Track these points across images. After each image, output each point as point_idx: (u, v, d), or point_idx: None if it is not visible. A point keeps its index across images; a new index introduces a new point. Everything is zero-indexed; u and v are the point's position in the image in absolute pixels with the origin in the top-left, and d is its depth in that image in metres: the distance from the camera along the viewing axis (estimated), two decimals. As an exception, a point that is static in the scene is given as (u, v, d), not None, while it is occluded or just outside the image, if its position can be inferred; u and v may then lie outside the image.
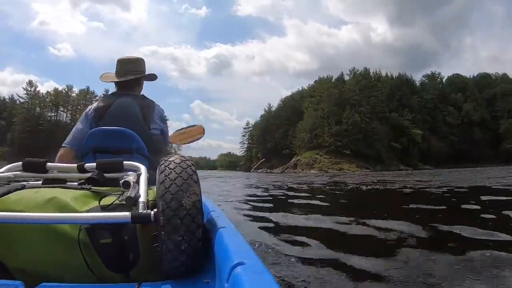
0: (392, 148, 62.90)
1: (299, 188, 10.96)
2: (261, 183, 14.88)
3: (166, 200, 0.90)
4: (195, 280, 0.93)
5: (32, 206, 0.97)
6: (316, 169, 53.36)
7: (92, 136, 1.62)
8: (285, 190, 10.01)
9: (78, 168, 1.23)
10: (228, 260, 0.75)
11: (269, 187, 12.04)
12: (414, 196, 7.69)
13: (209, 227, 1.09)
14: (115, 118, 1.71)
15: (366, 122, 61.50)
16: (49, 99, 74.42)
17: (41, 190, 1.08)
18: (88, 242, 0.92)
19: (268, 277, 0.66)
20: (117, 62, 1.96)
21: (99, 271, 0.94)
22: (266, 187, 12.11)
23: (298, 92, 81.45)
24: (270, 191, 10.05)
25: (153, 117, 1.82)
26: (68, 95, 75.28)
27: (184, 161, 1.02)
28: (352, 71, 69.56)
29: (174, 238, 0.88)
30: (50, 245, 0.93)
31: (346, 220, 3.92)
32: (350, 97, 63.44)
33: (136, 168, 1.21)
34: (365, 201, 7.59)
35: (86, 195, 1.06)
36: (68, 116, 75.24)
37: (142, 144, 1.65)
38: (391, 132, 63.77)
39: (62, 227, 0.93)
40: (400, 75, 74.76)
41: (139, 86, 2.03)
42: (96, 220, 0.89)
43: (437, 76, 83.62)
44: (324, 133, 61.30)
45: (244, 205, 6.07)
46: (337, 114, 62.12)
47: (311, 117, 64.50)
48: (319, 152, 59.40)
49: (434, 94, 73.92)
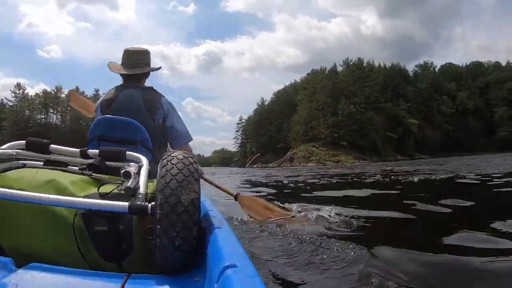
0: (388, 138, 61.56)
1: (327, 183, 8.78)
2: (269, 179, 12.26)
3: (165, 194, 0.88)
4: (185, 277, 0.91)
5: (31, 185, 0.96)
6: (313, 162, 51.76)
7: (98, 124, 1.63)
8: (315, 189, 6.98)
9: (81, 153, 1.22)
10: (220, 261, 0.74)
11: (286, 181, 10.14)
12: (467, 187, 6.11)
13: (205, 226, 1.08)
14: (119, 110, 1.71)
15: (361, 112, 59.97)
16: (38, 101, 72.02)
17: (42, 170, 1.07)
18: (83, 228, 0.91)
19: (258, 281, 0.65)
20: (124, 52, 1.94)
21: (91, 257, 0.93)
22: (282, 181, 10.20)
23: (291, 85, 79.85)
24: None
25: (158, 109, 1.80)
26: (58, 96, 72.83)
27: (187, 158, 0.99)
28: (345, 61, 67.87)
29: (169, 233, 0.86)
30: (45, 227, 0.92)
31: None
32: (345, 88, 61.92)
33: (138, 159, 1.19)
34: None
35: (86, 181, 1.05)
36: (58, 117, 72.88)
37: (147, 136, 1.64)
38: (387, 123, 62.42)
39: (58, 210, 0.92)
40: (393, 65, 73.51)
41: (146, 78, 2.01)
42: (93, 206, 0.88)
43: (429, 65, 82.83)
44: (320, 125, 59.75)
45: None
46: (331, 106, 60.61)
47: (305, 109, 62.89)
48: (315, 144, 57.78)
49: (428, 84, 72.86)
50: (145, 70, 1.95)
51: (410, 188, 6.35)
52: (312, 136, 59.38)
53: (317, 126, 59.82)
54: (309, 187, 7.68)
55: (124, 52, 1.95)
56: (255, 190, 7.17)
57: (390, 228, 2.82)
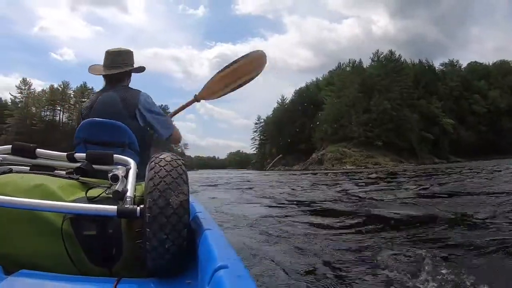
0: (423, 139, 52.09)
1: None
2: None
3: (153, 197, 0.84)
4: (176, 280, 0.87)
5: (18, 191, 0.90)
6: (349, 164, 42.42)
7: (84, 127, 1.51)
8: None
9: (68, 157, 1.16)
10: (211, 262, 0.71)
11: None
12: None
13: (195, 227, 1.03)
14: (99, 114, 1.58)
15: (397, 109, 50.37)
16: (45, 98, 63.97)
17: (28, 175, 1.02)
18: (71, 233, 0.86)
19: (250, 281, 0.63)
20: (106, 53, 1.78)
21: (80, 262, 0.88)
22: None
23: (312, 83, 70.09)
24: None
25: (137, 108, 1.64)
26: (65, 93, 64.68)
27: (175, 160, 0.94)
28: (375, 54, 58.20)
29: (159, 236, 0.82)
30: (33, 232, 0.88)
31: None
32: (377, 83, 52.40)
33: (126, 162, 1.12)
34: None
35: (73, 185, 1.01)
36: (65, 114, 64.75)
37: (135, 139, 1.54)
38: (421, 122, 52.95)
39: (46, 215, 0.87)
40: (421, 62, 64.18)
41: (128, 78, 1.84)
42: (82, 210, 0.84)
43: (455, 64, 73.55)
44: (351, 122, 50.28)
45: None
46: (363, 102, 51.11)
47: (333, 106, 53.37)
48: (346, 144, 48.37)
49: (458, 82, 63.58)
50: (124, 69, 1.75)
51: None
52: (343, 135, 49.96)
53: (348, 124, 50.39)
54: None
55: (105, 53, 1.78)
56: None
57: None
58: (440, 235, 2.78)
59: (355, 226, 3.37)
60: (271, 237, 2.97)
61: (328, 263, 2.21)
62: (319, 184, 10.19)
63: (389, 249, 2.35)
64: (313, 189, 7.75)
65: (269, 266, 2.15)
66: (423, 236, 2.80)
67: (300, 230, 3.26)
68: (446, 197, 5.45)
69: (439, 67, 70.45)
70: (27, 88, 63.66)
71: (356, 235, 2.96)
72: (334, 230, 3.19)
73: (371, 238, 2.78)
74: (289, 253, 2.45)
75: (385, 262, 2.07)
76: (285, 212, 4.43)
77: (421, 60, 64.64)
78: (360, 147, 47.32)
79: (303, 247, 2.57)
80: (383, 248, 2.35)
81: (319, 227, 3.38)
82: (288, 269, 2.09)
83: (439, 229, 3.00)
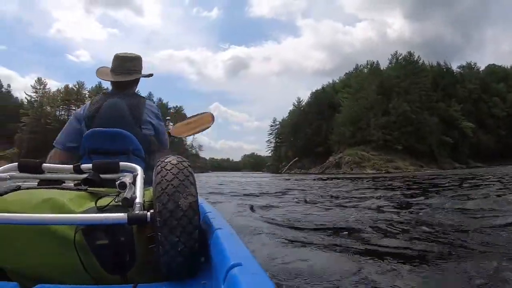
0: (443, 143, 50.40)
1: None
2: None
3: (162, 201, 0.84)
4: (191, 281, 0.87)
5: (28, 207, 0.91)
6: (369, 168, 41.05)
7: (88, 138, 1.51)
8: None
9: (74, 169, 1.16)
10: (224, 261, 0.71)
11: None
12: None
13: (206, 228, 1.03)
14: (105, 121, 1.55)
15: (417, 112, 48.77)
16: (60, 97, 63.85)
17: (37, 191, 1.02)
18: (84, 243, 0.87)
19: (265, 278, 0.63)
20: (115, 58, 1.75)
21: (96, 272, 0.89)
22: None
23: (329, 85, 68.63)
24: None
25: (144, 116, 1.64)
26: (80, 92, 64.48)
27: (181, 162, 0.95)
28: (394, 56, 56.57)
29: (170, 239, 0.83)
30: (46, 246, 0.88)
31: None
32: (395, 85, 50.85)
33: (132, 169, 1.13)
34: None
35: (82, 196, 1.01)
36: (79, 114, 64.51)
37: (139, 145, 1.55)
38: (441, 125, 51.25)
39: (58, 228, 0.87)
40: (438, 64, 62.35)
41: (136, 85, 1.83)
42: (92, 221, 0.84)
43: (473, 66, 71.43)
44: (370, 125, 48.83)
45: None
46: (382, 104, 49.64)
47: (351, 109, 51.95)
48: (364, 148, 46.96)
49: (477, 84, 61.57)
50: (134, 77, 1.73)
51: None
52: (361, 138, 48.54)
53: (367, 126, 48.96)
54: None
55: (114, 58, 1.75)
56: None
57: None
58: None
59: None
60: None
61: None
62: (370, 191, 9.03)
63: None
64: (383, 200, 6.54)
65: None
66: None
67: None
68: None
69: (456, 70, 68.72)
70: (42, 87, 63.67)
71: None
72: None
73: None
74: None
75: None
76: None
77: (439, 63, 62.98)
78: (379, 151, 45.87)
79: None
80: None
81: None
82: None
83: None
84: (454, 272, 2.04)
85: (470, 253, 2.44)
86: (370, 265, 2.21)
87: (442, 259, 2.30)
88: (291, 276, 1.99)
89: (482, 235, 2.95)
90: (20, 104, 64.24)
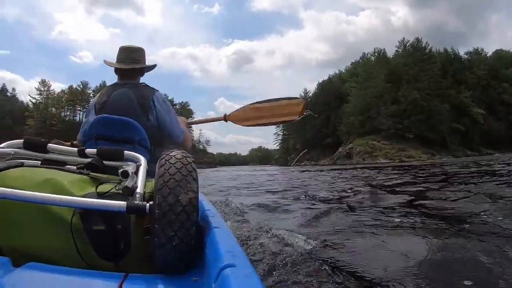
0: (454, 130, 49.24)
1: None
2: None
3: (163, 194, 0.83)
4: (183, 277, 0.86)
5: (29, 184, 0.91)
6: (382, 158, 40.10)
7: (96, 123, 1.53)
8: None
9: (79, 152, 1.16)
10: (218, 261, 0.71)
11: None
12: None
13: (203, 225, 1.02)
14: (113, 110, 1.58)
15: (427, 99, 47.51)
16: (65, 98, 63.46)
17: (39, 169, 1.03)
18: (81, 227, 0.87)
19: (256, 280, 0.62)
20: (121, 50, 1.82)
21: (89, 257, 0.88)
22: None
23: (335, 75, 67.47)
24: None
25: (151, 107, 1.65)
26: (84, 92, 64.00)
27: (185, 157, 0.94)
28: (401, 42, 55.09)
29: (167, 232, 0.82)
30: (43, 226, 0.88)
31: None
32: (404, 72, 49.62)
33: (137, 158, 1.13)
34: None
35: (84, 180, 1.00)
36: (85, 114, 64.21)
37: (146, 136, 1.56)
38: (452, 112, 50.05)
39: (56, 209, 0.87)
40: (446, 51, 60.91)
41: (141, 75, 1.87)
42: (91, 205, 0.84)
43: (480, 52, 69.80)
44: (380, 114, 47.72)
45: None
46: (391, 92, 48.48)
47: (359, 98, 50.76)
48: (375, 137, 45.92)
49: (485, 70, 60.12)
50: (140, 65, 1.80)
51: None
52: (371, 127, 47.47)
53: (377, 115, 47.89)
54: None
55: (120, 49, 1.82)
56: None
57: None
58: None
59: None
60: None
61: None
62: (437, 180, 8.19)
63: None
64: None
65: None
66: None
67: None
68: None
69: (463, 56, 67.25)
70: (46, 89, 63.32)
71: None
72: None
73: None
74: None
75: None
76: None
77: (446, 49, 61.56)
78: (390, 140, 44.84)
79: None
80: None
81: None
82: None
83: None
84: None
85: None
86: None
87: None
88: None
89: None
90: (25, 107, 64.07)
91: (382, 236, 2.55)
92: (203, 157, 74.22)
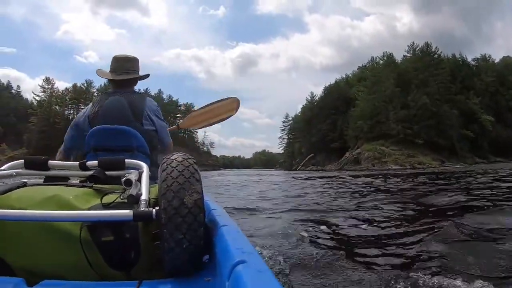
0: (463, 137, 48.22)
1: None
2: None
3: (167, 198, 0.84)
4: (196, 278, 0.86)
5: (34, 203, 0.92)
6: (392, 163, 39.08)
7: (93, 135, 1.51)
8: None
9: (80, 166, 1.15)
10: (229, 258, 0.70)
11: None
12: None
13: (211, 225, 1.02)
14: (107, 118, 1.57)
15: (437, 105, 46.46)
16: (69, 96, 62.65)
17: (43, 187, 1.04)
18: (90, 240, 0.87)
19: (269, 275, 0.62)
20: (114, 60, 1.78)
21: (101, 268, 0.89)
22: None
23: (342, 79, 66.38)
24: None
25: (144, 112, 1.63)
26: (88, 91, 63.15)
27: (186, 159, 0.94)
28: (411, 47, 54.15)
29: (175, 236, 0.82)
30: (52, 243, 0.88)
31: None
32: (414, 77, 48.64)
33: (138, 166, 1.12)
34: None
35: (88, 193, 1.01)
36: (88, 113, 63.40)
37: (144, 142, 1.55)
38: (461, 119, 49.05)
39: (63, 225, 0.87)
40: (454, 56, 60.01)
41: (135, 85, 1.85)
42: (98, 218, 0.85)
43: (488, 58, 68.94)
44: (389, 119, 46.71)
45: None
46: (400, 97, 47.48)
47: (368, 102, 49.76)
48: (384, 142, 44.90)
49: (494, 77, 59.21)
50: (133, 76, 1.77)
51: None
52: (379, 132, 46.50)
53: (386, 120, 46.89)
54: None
55: (113, 59, 1.79)
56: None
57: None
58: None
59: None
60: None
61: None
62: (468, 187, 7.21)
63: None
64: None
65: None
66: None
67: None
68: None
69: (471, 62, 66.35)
70: (50, 87, 62.53)
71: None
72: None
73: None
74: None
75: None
76: None
77: (454, 55, 60.68)
78: (399, 145, 43.85)
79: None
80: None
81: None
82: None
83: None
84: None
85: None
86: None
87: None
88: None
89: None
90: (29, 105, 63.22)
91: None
92: (207, 159, 73.37)
